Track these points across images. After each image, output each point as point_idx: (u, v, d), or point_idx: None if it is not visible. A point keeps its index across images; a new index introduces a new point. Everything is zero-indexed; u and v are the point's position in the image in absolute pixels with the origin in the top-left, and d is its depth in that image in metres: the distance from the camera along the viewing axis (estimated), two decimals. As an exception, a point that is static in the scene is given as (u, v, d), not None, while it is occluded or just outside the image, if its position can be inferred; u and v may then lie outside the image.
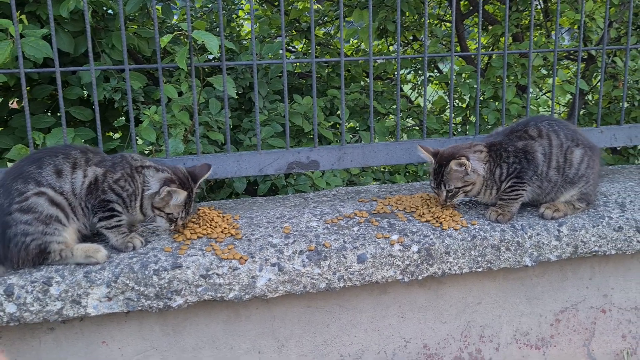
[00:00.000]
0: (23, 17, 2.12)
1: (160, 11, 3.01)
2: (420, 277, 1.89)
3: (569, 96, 3.88)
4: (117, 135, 3.18)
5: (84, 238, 1.80)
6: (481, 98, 3.43)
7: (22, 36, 2.05)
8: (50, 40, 1.97)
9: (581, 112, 3.65)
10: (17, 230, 1.63)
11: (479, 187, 2.00)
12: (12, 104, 3.00)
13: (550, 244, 1.97)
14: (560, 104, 4.39)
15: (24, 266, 1.68)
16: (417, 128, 3.71)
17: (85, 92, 2.74)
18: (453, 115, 3.77)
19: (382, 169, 3.44)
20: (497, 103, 3.29)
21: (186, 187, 1.81)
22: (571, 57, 4.12)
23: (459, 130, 3.73)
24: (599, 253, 2.02)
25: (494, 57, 3.31)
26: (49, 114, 2.84)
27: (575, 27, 3.82)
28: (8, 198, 1.65)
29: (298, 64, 3.74)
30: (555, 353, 2.19)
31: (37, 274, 1.66)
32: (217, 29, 3.25)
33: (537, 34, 4.04)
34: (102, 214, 1.76)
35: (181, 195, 1.77)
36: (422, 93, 4.20)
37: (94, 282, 1.67)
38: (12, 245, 1.63)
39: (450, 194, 1.98)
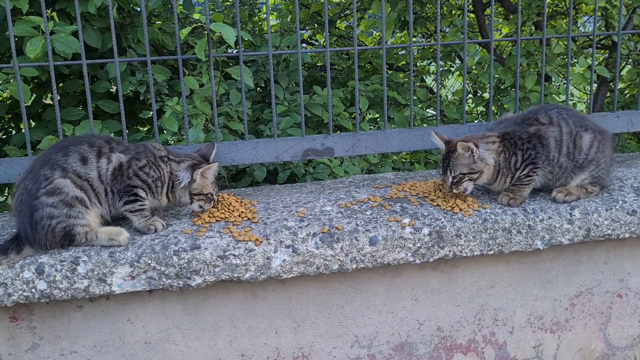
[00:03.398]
0: (54, 14, 2.24)
1: (182, 6, 3.10)
2: (431, 260, 1.93)
3: (595, 84, 3.83)
4: (144, 129, 3.30)
5: (106, 224, 1.90)
6: (501, 86, 3.42)
7: (52, 32, 2.17)
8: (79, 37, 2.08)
9: (605, 100, 3.61)
10: (43, 214, 1.74)
11: (487, 177, 2.01)
12: (45, 99, 3.15)
13: (562, 227, 1.99)
14: (582, 92, 4.34)
15: (52, 248, 1.78)
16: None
17: (113, 86, 2.86)
18: (474, 105, 3.78)
19: (402, 159, 3.48)
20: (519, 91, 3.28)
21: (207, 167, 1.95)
22: (597, 45, 4.06)
23: (481, 119, 3.73)
24: (613, 236, 2.02)
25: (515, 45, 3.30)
26: (80, 107, 2.97)
27: (599, 13, 3.77)
28: (36, 183, 1.76)
29: (319, 58, 3.80)
30: (571, 337, 2.20)
31: (65, 254, 1.77)
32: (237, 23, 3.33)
33: (558, 23, 4.00)
34: (127, 197, 1.86)
35: (213, 167, 1.93)
36: (443, 83, 4.20)
37: (118, 261, 1.77)
38: (39, 228, 1.74)
39: (455, 180, 1.99)
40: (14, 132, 3.25)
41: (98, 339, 1.90)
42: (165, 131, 2.56)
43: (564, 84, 3.91)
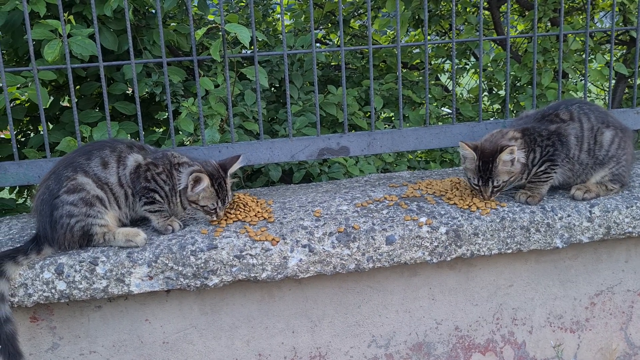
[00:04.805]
0: (71, 17, 2.27)
1: (197, 7, 3.12)
2: (448, 259, 1.92)
3: (613, 81, 3.78)
4: (160, 130, 3.33)
5: (123, 226, 1.90)
6: (517, 84, 3.39)
7: (69, 35, 2.19)
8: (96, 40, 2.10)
9: (624, 96, 3.56)
10: (62, 212, 1.76)
11: (517, 176, 1.99)
12: (63, 102, 3.19)
13: (582, 225, 1.96)
14: (600, 88, 4.28)
15: (70, 248, 1.80)
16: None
17: (129, 87, 2.89)
18: (490, 102, 3.75)
19: (417, 158, 3.46)
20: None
21: (216, 178, 1.89)
22: (615, 40, 4.01)
23: (496, 117, 3.70)
24: (634, 234, 1.99)
25: (531, 42, 3.26)
26: (97, 109, 3.00)
27: (617, 8, 3.72)
28: (58, 183, 1.79)
29: (333, 57, 3.80)
30: (591, 337, 2.17)
31: (84, 254, 1.79)
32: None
33: (574, 19, 3.95)
34: (145, 199, 1.87)
35: (204, 181, 1.84)
36: (458, 81, 4.16)
37: (136, 261, 1.78)
38: (58, 227, 1.76)
39: (496, 189, 1.96)
40: (32, 134, 3.29)
41: (117, 339, 1.92)
42: (180, 132, 2.57)
43: (581, 80, 3.87)
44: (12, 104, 3.11)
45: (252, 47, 2.15)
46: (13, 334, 1.69)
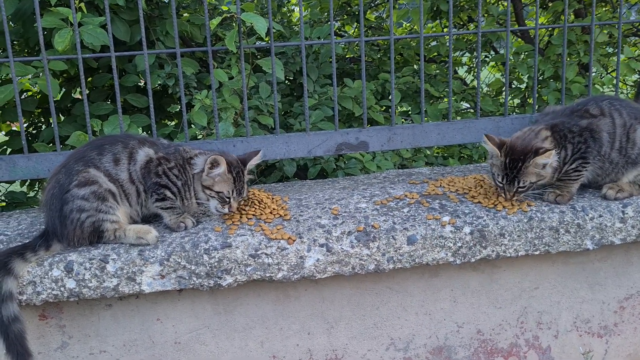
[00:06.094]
0: (82, 5, 2.20)
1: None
2: (472, 260, 1.83)
3: (636, 76, 3.66)
4: (172, 123, 3.26)
5: (135, 223, 1.84)
6: (540, 78, 3.28)
7: (81, 24, 2.13)
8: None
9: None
10: (73, 206, 1.70)
11: (548, 179, 1.88)
12: (74, 94, 3.13)
13: (614, 227, 1.87)
14: (626, 84, 4.15)
15: (80, 244, 1.74)
16: (471, 111, 3.60)
17: (141, 79, 2.82)
18: (511, 97, 3.64)
19: (435, 153, 3.37)
20: (557, 83, 3.14)
21: (234, 166, 1.83)
22: (639, 33, 3.88)
23: (517, 112, 3.59)
24: (668, 236, 1.90)
25: (555, 33, 3.16)
26: (108, 101, 2.94)
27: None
28: (68, 177, 1.72)
29: (349, 49, 3.71)
30: (619, 342, 2.08)
31: (94, 252, 1.73)
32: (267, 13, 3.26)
33: (600, 11, 3.83)
34: (157, 195, 1.81)
35: (222, 165, 1.78)
36: (477, 75, 4.05)
37: (148, 260, 1.72)
38: (68, 222, 1.70)
39: (522, 190, 1.86)
40: (43, 126, 3.24)
41: (127, 339, 1.86)
42: (193, 125, 2.50)
43: (607, 74, 3.74)
44: (23, 96, 3.07)
45: (268, 38, 2.07)
46: (21, 332, 1.63)
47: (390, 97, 3.34)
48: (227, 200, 1.83)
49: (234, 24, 2.05)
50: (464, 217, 1.86)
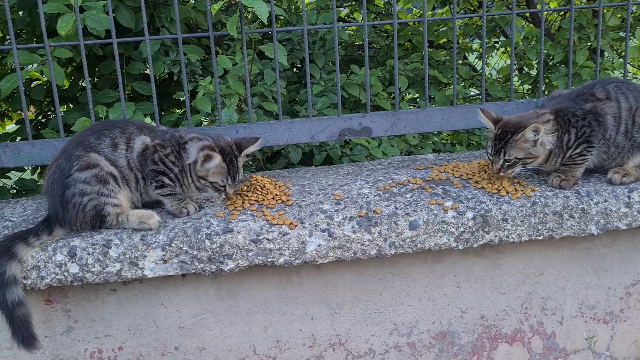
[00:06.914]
0: (86, -9, 2.21)
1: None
2: (475, 245, 1.82)
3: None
4: (179, 111, 3.27)
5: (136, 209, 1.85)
6: (550, 63, 3.23)
7: (83, 10, 2.13)
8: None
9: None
10: (75, 190, 1.71)
11: (540, 161, 1.88)
12: (83, 82, 3.15)
13: (619, 211, 1.84)
14: (635, 67, 4.08)
15: (82, 229, 1.75)
16: (480, 97, 3.56)
17: (147, 67, 2.82)
18: (520, 82, 3.59)
19: (442, 140, 3.34)
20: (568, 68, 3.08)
21: (227, 153, 1.81)
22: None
23: (527, 97, 3.54)
24: (676, 222, 1.87)
25: (566, 17, 3.10)
26: (115, 89, 2.94)
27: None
28: (69, 162, 1.74)
29: (357, 36, 3.67)
30: (625, 328, 2.06)
31: (97, 237, 1.74)
32: None
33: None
34: (155, 182, 1.81)
35: (215, 159, 1.77)
36: (486, 61, 4.01)
37: (150, 245, 1.73)
38: (69, 207, 1.71)
39: (507, 164, 1.86)
40: (52, 115, 3.27)
41: (132, 323, 1.88)
42: (199, 112, 2.51)
43: (618, 59, 3.68)
44: (33, 85, 3.09)
45: (271, 24, 2.06)
46: (26, 317, 1.65)
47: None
48: (222, 188, 1.83)
49: (238, 11, 2.04)
50: (467, 202, 1.84)
